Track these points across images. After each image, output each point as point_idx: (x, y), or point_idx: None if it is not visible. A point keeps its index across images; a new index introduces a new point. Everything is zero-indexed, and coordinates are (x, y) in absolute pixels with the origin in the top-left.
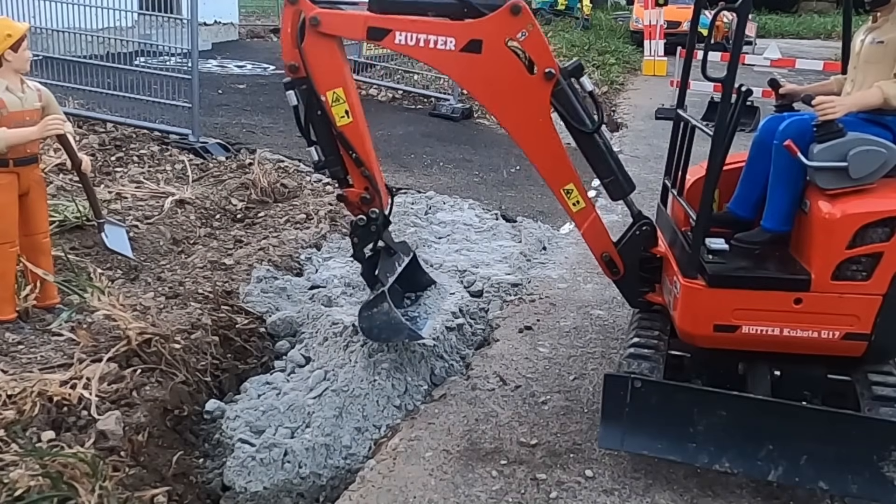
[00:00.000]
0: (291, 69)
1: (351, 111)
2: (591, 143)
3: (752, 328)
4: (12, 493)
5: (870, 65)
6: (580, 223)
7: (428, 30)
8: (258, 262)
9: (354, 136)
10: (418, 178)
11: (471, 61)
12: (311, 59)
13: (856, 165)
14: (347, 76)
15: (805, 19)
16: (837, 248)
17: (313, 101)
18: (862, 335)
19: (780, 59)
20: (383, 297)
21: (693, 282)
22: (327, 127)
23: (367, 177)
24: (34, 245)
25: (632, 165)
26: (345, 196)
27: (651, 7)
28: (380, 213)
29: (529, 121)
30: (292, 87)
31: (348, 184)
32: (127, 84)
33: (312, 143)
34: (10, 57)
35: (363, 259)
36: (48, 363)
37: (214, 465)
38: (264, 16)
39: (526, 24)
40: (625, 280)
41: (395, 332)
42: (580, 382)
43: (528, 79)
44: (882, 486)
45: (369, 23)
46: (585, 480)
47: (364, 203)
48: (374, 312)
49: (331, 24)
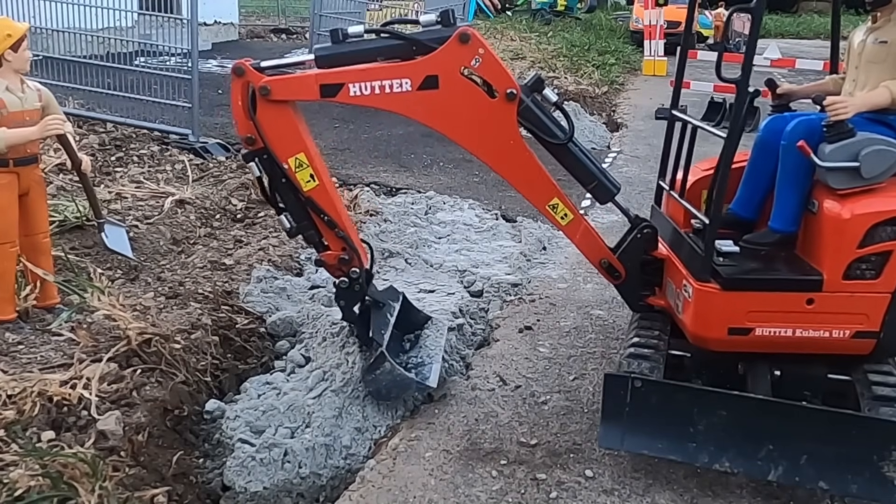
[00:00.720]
0: (248, 141)
1: (316, 174)
2: (566, 153)
3: (765, 330)
4: (12, 493)
5: (873, 64)
6: (572, 235)
7: (381, 76)
8: (258, 262)
9: (323, 199)
10: (418, 178)
11: (430, 98)
12: (267, 128)
13: (868, 165)
14: (307, 139)
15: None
16: (849, 248)
17: (276, 170)
18: (871, 333)
19: (780, 59)
20: (383, 357)
21: (706, 285)
22: (294, 193)
23: (343, 237)
24: (34, 245)
25: (632, 165)
26: (323, 260)
27: (651, 7)
28: (361, 271)
29: (500, 145)
30: (252, 159)
31: (325, 247)
32: (127, 84)
33: (282, 212)
34: (10, 57)
35: (354, 319)
36: (48, 363)
37: (214, 465)
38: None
39: (477, 49)
40: (626, 284)
41: (404, 388)
42: (580, 382)
43: (491, 104)
44: (882, 486)
45: (320, 80)
46: (585, 480)
47: (343, 264)
48: (377, 375)
49: (282, 90)
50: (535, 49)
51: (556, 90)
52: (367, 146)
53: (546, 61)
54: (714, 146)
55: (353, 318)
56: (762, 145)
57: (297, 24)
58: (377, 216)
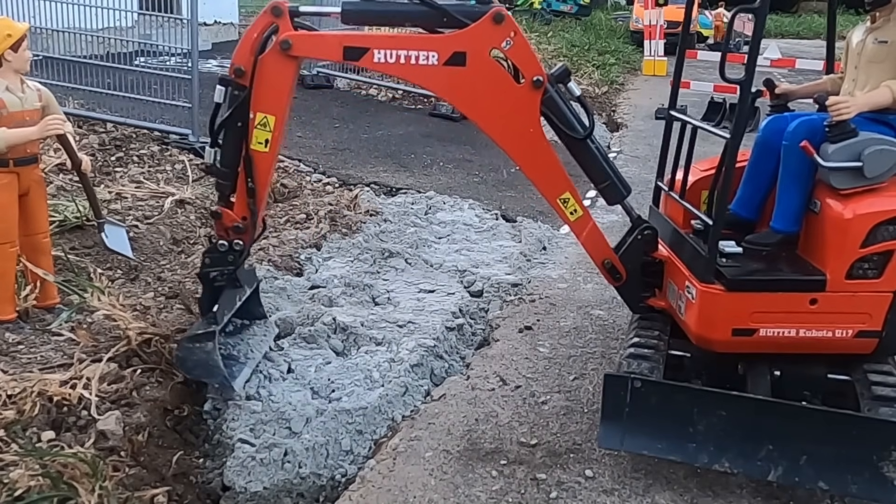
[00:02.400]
0: (237, 72)
1: (270, 142)
2: (583, 148)
3: (769, 331)
4: (12, 493)
5: (873, 64)
6: (578, 232)
7: (408, 45)
8: (258, 262)
9: (261, 167)
10: (418, 178)
11: (455, 75)
12: (262, 74)
13: (871, 165)
14: (285, 108)
15: (805, 19)
16: (852, 248)
17: (241, 113)
18: (873, 332)
19: (780, 59)
20: (211, 336)
21: (711, 287)
22: (240, 142)
23: (251, 209)
24: (34, 245)
25: (632, 165)
26: (219, 214)
27: (651, 7)
28: (244, 248)
29: (520, 132)
30: (226, 85)
31: (229, 204)
32: (127, 84)
33: (215, 146)
34: (10, 57)
35: (209, 282)
36: (48, 363)
37: (214, 465)
38: None
39: (509, 32)
40: (626, 285)
41: (210, 374)
42: (580, 382)
43: (516, 88)
44: (882, 486)
45: (345, 42)
46: (585, 480)
47: (235, 231)
48: (196, 347)
49: (303, 47)
50: (535, 49)
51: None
52: (367, 146)
53: (546, 61)
54: (714, 146)
55: (207, 280)
56: (762, 145)
57: None
58: (377, 216)
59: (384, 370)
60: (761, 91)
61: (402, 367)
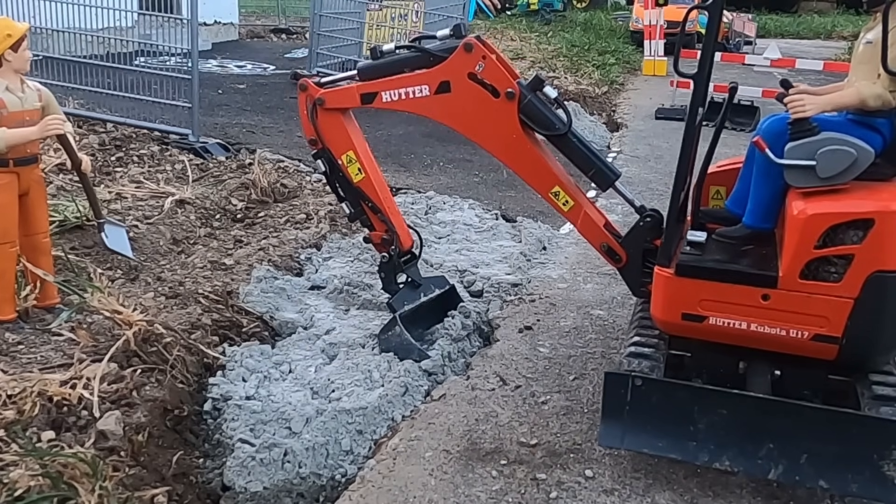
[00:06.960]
0: (312, 143)
1: (363, 168)
2: (566, 142)
3: (718, 320)
4: (12, 493)
5: (862, 65)
6: (574, 220)
7: (405, 84)
8: (258, 262)
9: (369, 189)
10: (418, 178)
11: (445, 101)
12: (324, 131)
13: (823, 164)
14: (356, 139)
15: (805, 19)
16: (806, 247)
17: (334, 166)
18: (832, 338)
19: (780, 59)
20: (394, 322)
21: (664, 270)
22: (348, 184)
23: (384, 221)
24: (34, 245)
25: (632, 165)
26: (370, 238)
27: (651, 7)
28: (398, 251)
29: (505, 139)
30: (319, 157)
31: (373, 228)
32: (127, 84)
33: (342, 199)
34: (10, 57)
35: (392, 290)
36: (48, 363)
37: (214, 465)
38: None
39: (479, 56)
40: (628, 269)
41: (407, 351)
42: (580, 382)
43: (495, 103)
44: (882, 485)
45: (360, 90)
46: (585, 480)
47: (385, 243)
48: (388, 336)
49: (333, 100)
50: (536, 49)
51: (556, 88)
52: None
53: (546, 61)
54: (726, 148)
55: (392, 290)
56: None
57: (297, 24)
58: None
59: (384, 370)
60: (737, 85)
61: (401, 367)
